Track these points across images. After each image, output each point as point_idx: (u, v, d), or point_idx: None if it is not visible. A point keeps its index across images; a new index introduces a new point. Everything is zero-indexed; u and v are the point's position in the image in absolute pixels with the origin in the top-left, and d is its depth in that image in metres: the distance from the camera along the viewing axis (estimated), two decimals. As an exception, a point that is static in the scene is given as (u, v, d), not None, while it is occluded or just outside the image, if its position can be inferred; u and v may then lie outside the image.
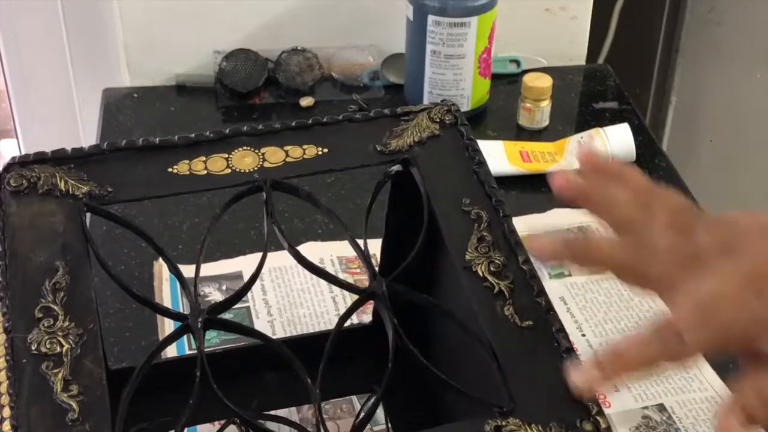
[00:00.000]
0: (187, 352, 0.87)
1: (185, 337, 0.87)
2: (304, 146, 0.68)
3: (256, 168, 0.67)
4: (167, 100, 1.26)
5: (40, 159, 0.65)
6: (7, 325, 0.58)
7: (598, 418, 0.56)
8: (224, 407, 0.59)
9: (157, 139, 0.67)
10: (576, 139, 1.14)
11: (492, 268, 0.63)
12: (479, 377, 0.61)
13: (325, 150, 0.68)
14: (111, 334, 0.88)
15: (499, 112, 1.24)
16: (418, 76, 1.19)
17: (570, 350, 0.59)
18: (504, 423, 0.56)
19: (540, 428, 0.56)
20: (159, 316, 0.90)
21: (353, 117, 0.70)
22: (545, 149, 1.14)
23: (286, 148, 0.68)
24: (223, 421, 0.72)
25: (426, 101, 1.18)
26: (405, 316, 0.62)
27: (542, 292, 0.62)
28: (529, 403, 0.57)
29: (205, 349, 0.60)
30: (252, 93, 1.24)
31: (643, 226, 0.61)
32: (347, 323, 0.87)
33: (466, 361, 0.65)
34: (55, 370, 0.56)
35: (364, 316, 0.90)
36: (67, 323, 0.58)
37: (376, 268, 0.64)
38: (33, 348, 0.57)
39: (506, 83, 1.28)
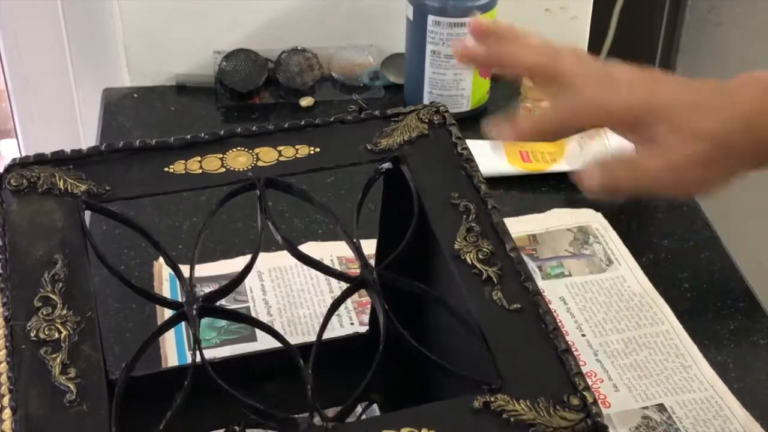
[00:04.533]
0: (189, 360, 0.87)
1: (186, 341, 0.88)
2: (297, 146, 0.70)
3: (250, 167, 0.69)
4: (167, 100, 1.26)
5: (40, 160, 0.67)
6: (7, 314, 0.59)
7: (584, 393, 0.57)
8: (225, 412, 0.59)
9: (154, 141, 0.69)
10: (576, 139, 1.13)
11: (480, 256, 0.64)
12: (471, 363, 0.62)
13: (317, 150, 0.70)
14: (111, 334, 0.88)
15: (499, 112, 1.24)
16: (418, 76, 1.19)
17: (557, 329, 0.61)
18: (493, 399, 0.57)
19: (528, 403, 0.57)
20: (159, 317, 0.90)
21: (344, 119, 0.72)
22: (545, 149, 1.14)
23: (279, 148, 0.70)
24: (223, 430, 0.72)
25: (426, 101, 1.18)
26: (399, 310, 0.63)
27: (529, 277, 0.63)
28: (517, 380, 0.58)
29: (205, 352, 0.61)
30: (252, 93, 1.24)
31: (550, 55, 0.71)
32: (347, 332, 0.88)
33: (458, 348, 0.66)
34: (53, 355, 0.57)
35: (365, 316, 0.90)
36: (65, 312, 0.60)
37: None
38: (32, 335, 0.58)
39: (506, 83, 1.28)
